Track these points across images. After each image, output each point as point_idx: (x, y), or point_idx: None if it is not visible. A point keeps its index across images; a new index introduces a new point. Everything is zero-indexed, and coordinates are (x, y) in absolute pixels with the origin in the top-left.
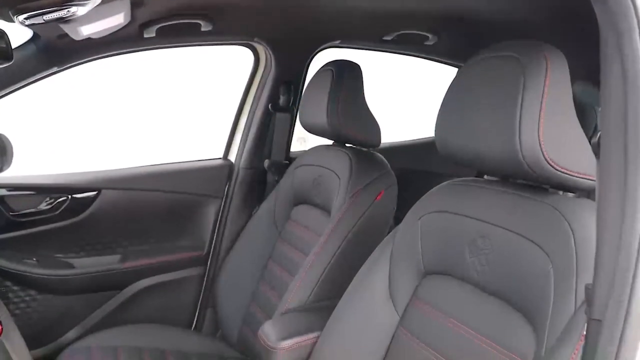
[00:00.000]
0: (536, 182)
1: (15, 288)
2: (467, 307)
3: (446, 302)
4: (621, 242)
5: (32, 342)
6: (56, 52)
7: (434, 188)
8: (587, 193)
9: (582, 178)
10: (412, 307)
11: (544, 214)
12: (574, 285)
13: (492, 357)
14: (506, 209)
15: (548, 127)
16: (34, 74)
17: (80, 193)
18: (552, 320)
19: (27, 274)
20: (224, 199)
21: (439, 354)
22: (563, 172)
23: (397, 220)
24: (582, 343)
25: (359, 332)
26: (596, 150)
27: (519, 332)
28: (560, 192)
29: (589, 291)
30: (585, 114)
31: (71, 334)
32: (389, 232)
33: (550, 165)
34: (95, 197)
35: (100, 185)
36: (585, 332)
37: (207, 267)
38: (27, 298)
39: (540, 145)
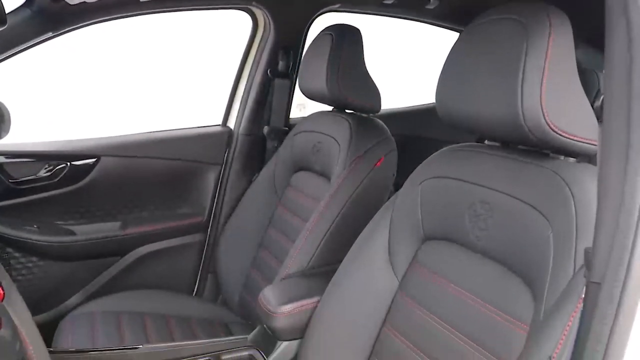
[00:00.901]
0: (537, 147)
1: (16, 255)
2: (466, 272)
3: (445, 267)
4: (622, 204)
5: (34, 308)
6: (51, 16)
7: (434, 154)
8: (588, 158)
9: (583, 142)
10: (412, 272)
11: (544, 178)
12: (573, 250)
13: (491, 321)
14: (506, 174)
15: (550, 90)
16: (28, 39)
17: (79, 160)
18: (550, 285)
19: (29, 240)
20: (223, 166)
21: (438, 317)
22: (565, 137)
23: (397, 186)
24: (580, 306)
25: (359, 296)
26: (598, 114)
27: (517, 296)
28: (561, 157)
29: (589, 255)
30: (587, 79)
31: (73, 300)
32: (388, 198)
33: (552, 130)
34: (95, 164)
35: (99, 152)
36: (583, 295)
37: (208, 234)
38: (29, 265)
39: (542, 109)
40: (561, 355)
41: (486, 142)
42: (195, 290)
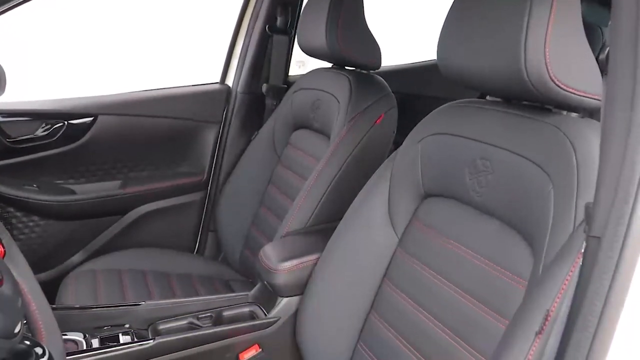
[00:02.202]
0: (540, 103)
1: (18, 214)
2: (466, 228)
3: (445, 223)
4: (625, 158)
5: (37, 266)
6: None
7: (434, 110)
8: (590, 114)
9: (587, 97)
10: (411, 229)
11: (546, 133)
12: (574, 205)
13: (490, 277)
14: (507, 129)
15: (554, 44)
16: None
17: (77, 119)
18: (550, 240)
19: (29, 200)
20: (222, 124)
21: (437, 273)
22: (568, 91)
23: (397, 145)
24: (579, 261)
25: (358, 253)
26: (603, 66)
27: (517, 252)
28: (564, 113)
29: (589, 209)
30: (591, 34)
31: (75, 258)
32: (388, 156)
33: (555, 84)
34: (92, 123)
35: (97, 110)
36: (583, 251)
37: (207, 192)
38: (30, 224)
39: (546, 63)
40: (559, 309)
41: (488, 98)
42: (196, 248)
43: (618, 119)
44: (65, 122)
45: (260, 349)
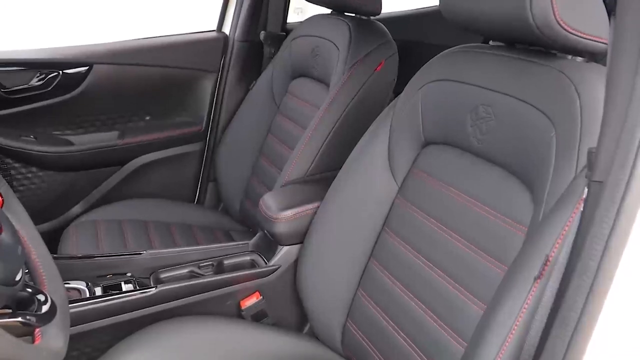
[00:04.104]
0: (544, 47)
1: (16, 165)
2: (466, 176)
3: (445, 171)
4: (631, 101)
5: (37, 217)
6: None
7: (435, 56)
8: (595, 59)
9: (593, 40)
10: (411, 176)
11: (549, 78)
12: (576, 151)
13: (490, 224)
14: (510, 74)
15: None
16: None
17: (71, 68)
18: (551, 187)
19: (27, 150)
20: (219, 73)
21: (437, 221)
22: (574, 34)
23: (397, 94)
24: (580, 207)
25: (358, 201)
26: (611, 7)
27: (517, 198)
28: (569, 57)
29: (592, 155)
30: None
31: (76, 209)
32: (388, 104)
33: (561, 27)
34: (87, 72)
35: (91, 60)
36: (584, 196)
37: (206, 143)
38: (29, 175)
39: (552, 5)
40: (558, 255)
41: (491, 43)
42: (196, 198)
43: (625, 59)
44: (60, 72)
45: (261, 297)
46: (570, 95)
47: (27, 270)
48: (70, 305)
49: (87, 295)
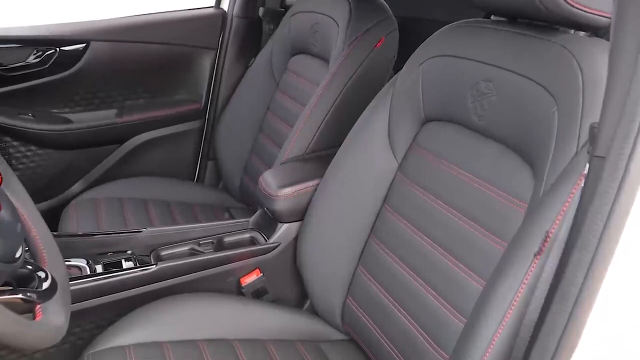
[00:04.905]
0: (547, 21)
1: (15, 143)
2: (467, 153)
3: (446, 148)
4: (634, 75)
5: (37, 196)
6: None
7: (436, 32)
8: (598, 33)
9: (596, 15)
10: (411, 153)
11: (552, 53)
12: (578, 127)
13: (490, 200)
14: (512, 50)
15: None
16: None
17: (69, 45)
18: (552, 162)
19: (25, 129)
20: (218, 50)
21: (437, 197)
22: (577, 8)
23: (398, 71)
24: (581, 183)
25: (358, 178)
26: None
27: (518, 175)
28: (571, 31)
29: (594, 130)
30: None
31: (75, 188)
32: (388, 81)
33: (565, 1)
34: (85, 49)
35: (89, 36)
36: (585, 172)
37: (206, 121)
38: (28, 153)
39: None
40: (558, 231)
41: (492, 17)
42: (196, 176)
43: (629, 35)
44: (57, 49)
45: (261, 274)
46: (573, 70)
47: (27, 248)
48: (71, 282)
49: (88, 273)
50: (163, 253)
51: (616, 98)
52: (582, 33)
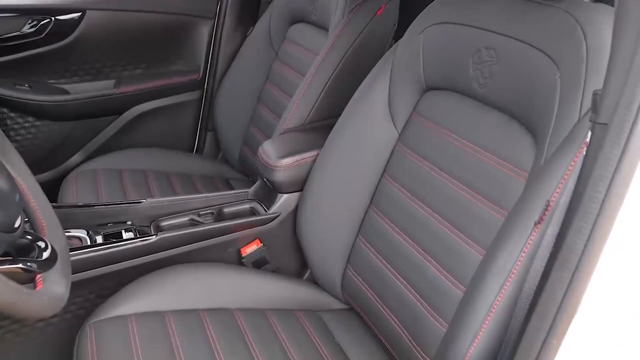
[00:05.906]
0: None
1: (12, 115)
2: (468, 121)
3: (446, 117)
4: (639, 41)
5: (36, 167)
6: None
7: None
8: None
9: None
10: (412, 122)
11: (555, 19)
12: (581, 94)
13: (491, 169)
14: (515, 16)
15: None
16: None
17: (64, 14)
18: (554, 131)
19: (22, 100)
20: (216, 20)
21: (437, 167)
22: None
23: (398, 39)
24: (583, 152)
25: (358, 148)
26: None
27: (518, 143)
28: None
29: (597, 97)
30: None
31: (74, 159)
32: (389, 49)
33: None
34: (80, 18)
35: (84, 5)
36: (588, 140)
37: (204, 91)
38: (26, 125)
39: None
40: (559, 199)
41: None
42: (195, 147)
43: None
44: (53, 18)
45: (261, 244)
46: (577, 36)
47: (27, 219)
48: (71, 252)
49: (88, 243)
50: (163, 223)
51: (620, 64)
52: None
